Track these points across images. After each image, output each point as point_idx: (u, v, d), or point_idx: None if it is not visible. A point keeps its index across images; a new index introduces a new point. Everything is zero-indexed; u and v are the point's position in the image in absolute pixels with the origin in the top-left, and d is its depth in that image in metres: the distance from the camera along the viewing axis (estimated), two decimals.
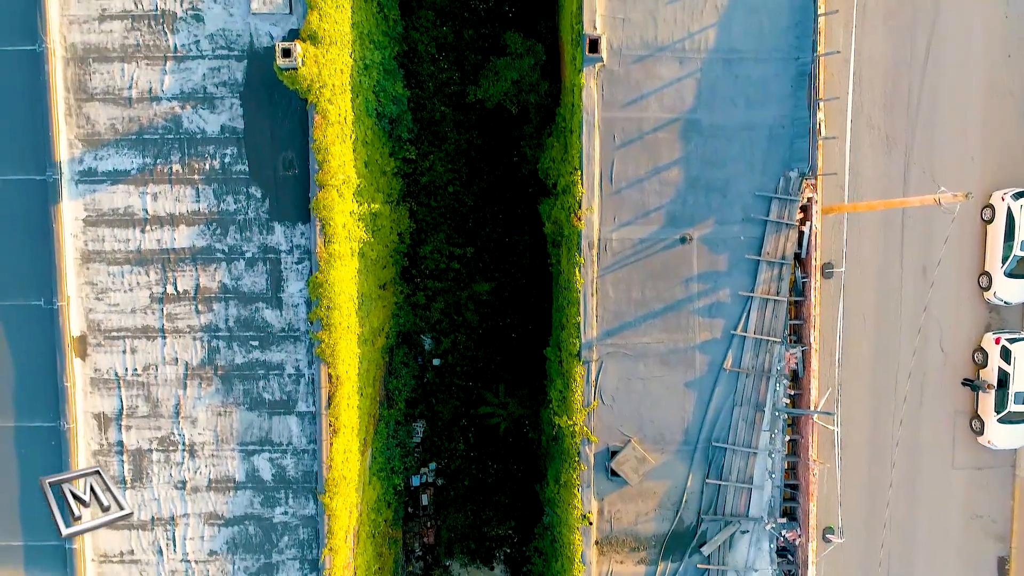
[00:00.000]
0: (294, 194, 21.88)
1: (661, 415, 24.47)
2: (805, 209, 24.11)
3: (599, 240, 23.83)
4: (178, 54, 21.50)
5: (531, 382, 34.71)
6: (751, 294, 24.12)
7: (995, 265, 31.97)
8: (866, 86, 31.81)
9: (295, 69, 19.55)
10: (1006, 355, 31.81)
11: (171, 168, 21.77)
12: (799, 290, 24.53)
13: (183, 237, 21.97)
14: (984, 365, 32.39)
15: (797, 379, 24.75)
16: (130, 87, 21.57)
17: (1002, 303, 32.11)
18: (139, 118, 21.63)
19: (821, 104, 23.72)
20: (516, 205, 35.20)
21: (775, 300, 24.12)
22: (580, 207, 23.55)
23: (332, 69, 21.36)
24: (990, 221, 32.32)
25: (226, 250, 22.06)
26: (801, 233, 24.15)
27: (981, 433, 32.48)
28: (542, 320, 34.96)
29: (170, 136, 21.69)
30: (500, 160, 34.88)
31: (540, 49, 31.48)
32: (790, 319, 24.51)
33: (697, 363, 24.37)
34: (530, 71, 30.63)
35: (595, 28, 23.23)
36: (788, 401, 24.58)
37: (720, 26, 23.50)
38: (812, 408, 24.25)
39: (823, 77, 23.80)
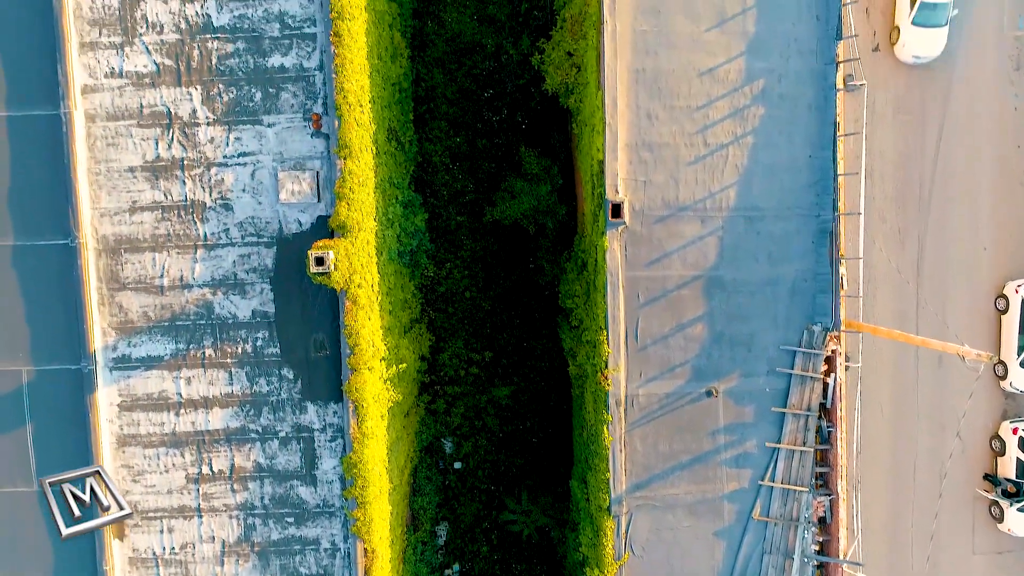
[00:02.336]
0: (326, 374, 22.15)
1: (691, 564, 24.73)
2: (829, 360, 24.36)
3: (626, 397, 24.09)
4: (208, 242, 21.76)
5: (553, 487, 34.99)
6: (778, 445, 24.38)
7: (1010, 355, 32.26)
8: (877, 180, 32.11)
9: (328, 274, 19.80)
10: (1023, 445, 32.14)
11: (204, 353, 22.03)
12: (825, 438, 24.80)
13: (217, 419, 22.24)
14: (1002, 453, 32.69)
15: (825, 524, 25.02)
16: (162, 275, 21.83)
17: (1018, 392, 32.40)
18: (171, 305, 21.90)
19: (843, 260, 23.95)
20: (533, 310, 35.44)
21: (801, 451, 24.38)
22: (607, 367, 23.80)
23: (360, 249, 21.61)
24: (1004, 311, 32.61)
25: (260, 430, 22.33)
26: (826, 385, 24.41)
27: (1001, 520, 32.77)
28: (562, 424, 35.24)
29: (202, 322, 21.95)
30: (516, 265, 35.13)
31: (556, 172, 31.71)
32: (817, 466, 24.78)
33: (726, 513, 24.64)
34: (547, 196, 30.87)
35: (617, 192, 23.48)
36: (817, 547, 24.84)
37: (740, 185, 23.74)
38: (841, 556, 24.52)
39: (844, 233, 24.05)
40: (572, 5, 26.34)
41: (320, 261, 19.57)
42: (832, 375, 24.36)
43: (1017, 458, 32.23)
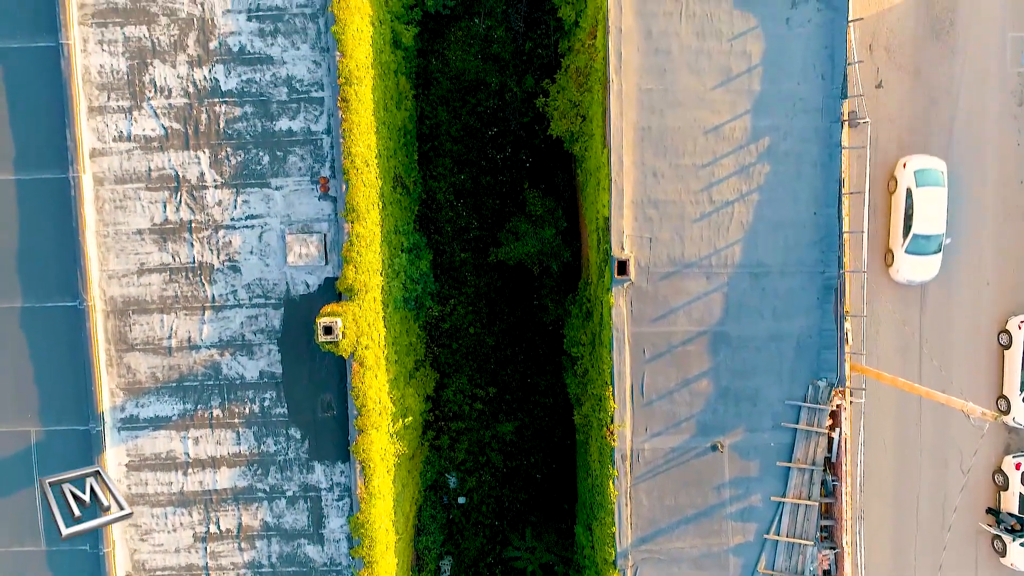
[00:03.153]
0: (333, 434, 22.24)
1: None
2: (834, 415, 24.44)
3: (632, 451, 24.18)
4: (216, 304, 21.85)
5: (557, 523, 35.06)
6: (783, 499, 24.46)
7: (1013, 390, 32.37)
8: (881, 214, 32.20)
9: (336, 343, 19.88)
10: None
11: (211, 413, 22.12)
12: (830, 491, 24.88)
13: (225, 478, 22.32)
14: (1005, 487, 32.78)
15: None
16: (170, 337, 21.91)
17: (1021, 427, 32.52)
18: (179, 366, 21.98)
19: (848, 316, 24.03)
20: (537, 346, 35.52)
21: (807, 504, 24.47)
22: (612, 422, 23.89)
23: (368, 309, 21.68)
24: (1007, 347, 32.68)
25: (267, 490, 22.41)
26: (831, 439, 24.49)
27: (1004, 555, 32.87)
28: (566, 459, 35.32)
29: (210, 383, 22.04)
30: (520, 302, 35.20)
31: (560, 214, 31.76)
32: (821, 519, 24.87)
33: (731, 566, 24.72)
34: (551, 239, 30.94)
35: (623, 249, 23.55)
36: None
37: (746, 241, 23.81)
38: None
39: (849, 289, 24.11)
40: (578, 57, 26.39)
41: (328, 330, 19.66)
42: (837, 430, 24.45)
43: (1020, 493, 32.32)
